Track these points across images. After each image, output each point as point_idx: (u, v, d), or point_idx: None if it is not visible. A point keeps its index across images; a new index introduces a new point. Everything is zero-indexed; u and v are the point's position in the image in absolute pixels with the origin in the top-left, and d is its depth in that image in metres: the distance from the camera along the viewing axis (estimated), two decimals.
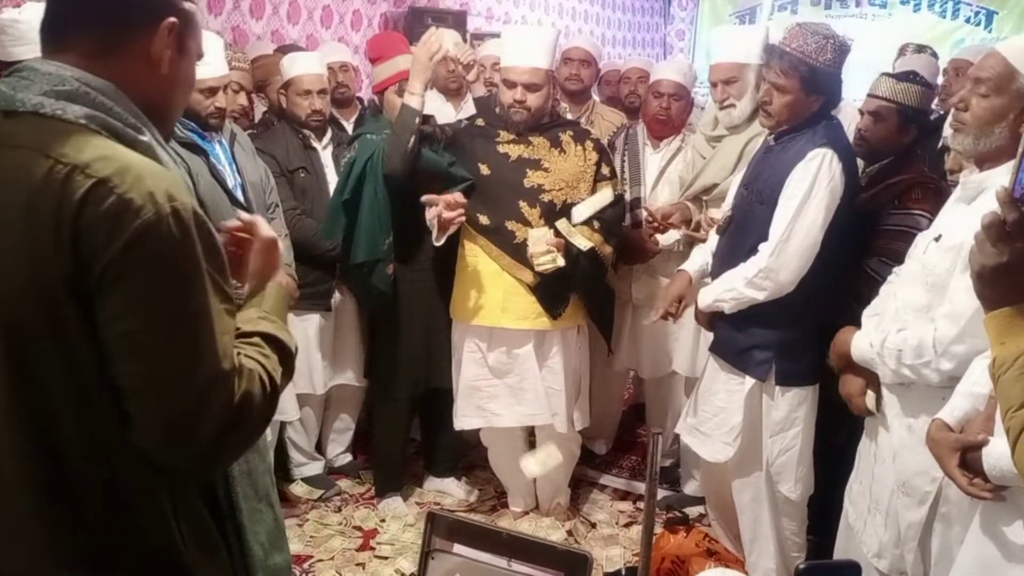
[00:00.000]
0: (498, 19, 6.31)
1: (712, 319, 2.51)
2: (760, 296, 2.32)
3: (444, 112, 3.62)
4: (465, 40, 3.92)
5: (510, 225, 2.72)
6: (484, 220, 2.76)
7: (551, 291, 2.77)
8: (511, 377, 2.85)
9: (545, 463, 2.66)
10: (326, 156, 3.22)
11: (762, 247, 2.31)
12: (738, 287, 2.35)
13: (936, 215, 2.40)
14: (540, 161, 2.76)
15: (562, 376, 2.87)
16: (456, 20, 5.11)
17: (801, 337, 2.35)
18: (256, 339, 1.15)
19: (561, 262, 2.62)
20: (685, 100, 3.23)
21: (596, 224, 2.81)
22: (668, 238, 3.10)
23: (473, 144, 2.82)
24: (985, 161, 1.77)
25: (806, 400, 2.41)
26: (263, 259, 1.26)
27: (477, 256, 2.81)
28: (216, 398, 1.02)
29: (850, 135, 2.77)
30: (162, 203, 0.98)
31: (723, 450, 2.51)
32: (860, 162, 2.69)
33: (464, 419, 2.94)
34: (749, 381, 2.43)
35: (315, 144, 3.21)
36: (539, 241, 2.62)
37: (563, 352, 2.87)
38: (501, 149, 2.77)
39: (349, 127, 3.52)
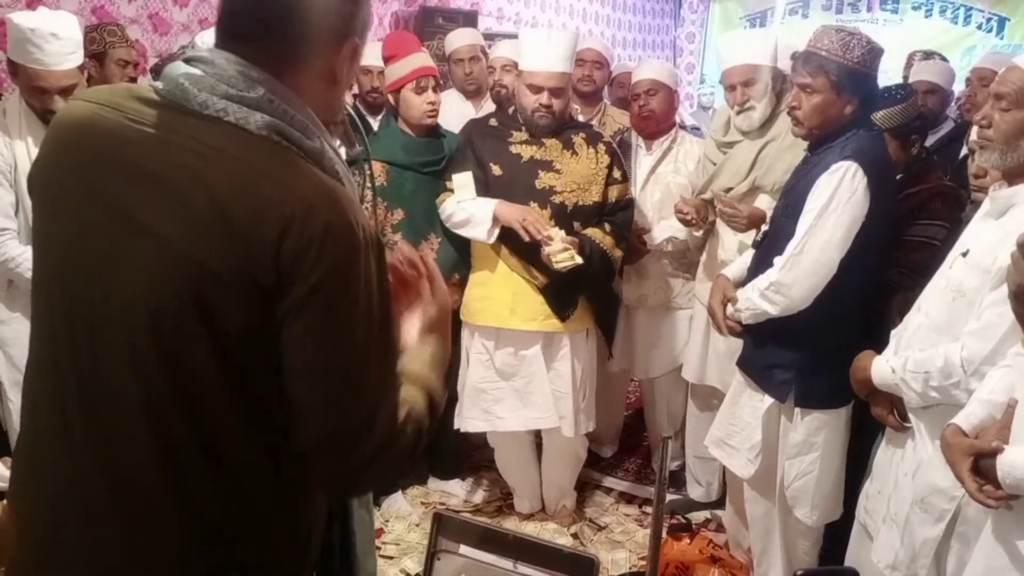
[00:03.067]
0: (509, 19, 6.32)
1: (741, 330, 2.44)
2: (772, 310, 2.25)
3: (464, 111, 3.63)
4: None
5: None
6: None
7: (560, 292, 2.76)
8: (518, 380, 2.84)
9: None
10: (341, 155, 3.21)
11: (776, 260, 2.25)
12: (753, 298, 2.29)
13: (956, 225, 2.40)
14: (552, 163, 2.75)
15: (569, 379, 2.86)
16: (467, 20, 5.11)
17: (825, 358, 2.23)
18: (417, 385, 1.17)
19: (579, 259, 2.60)
20: (663, 92, 3.18)
21: (607, 227, 2.80)
22: (656, 237, 3.09)
23: (485, 144, 2.81)
24: (1014, 176, 1.74)
25: (827, 425, 2.31)
26: (435, 304, 1.26)
27: (487, 256, 2.80)
28: (380, 420, 1.06)
29: None
30: (359, 229, 1.01)
31: (747, 466, 2.46)
32: None
33: (469, 421, 2.92)
34: (768, 400, 2.37)
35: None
36: (556, 241, 2.61)
37: (571, 355, 2.86)
38: (514, 150, 2.77)
39: (375, 124, 3.53)
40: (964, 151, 3.42)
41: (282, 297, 0.98)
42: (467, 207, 2.74)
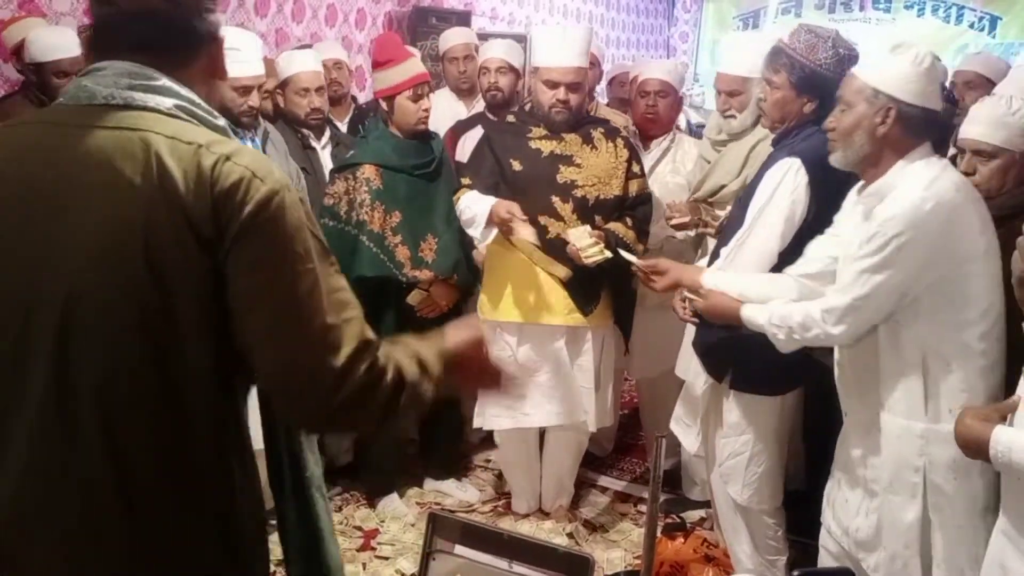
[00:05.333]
0: (502, 19, 6.31)
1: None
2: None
3: (456, 111, 3.63)
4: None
5: (543, 220, 2.71)
6: None
7: (583, 287, 2.77)
8: (542, 375, 2.84)
9: None
10: (325, 156, 3.21)
11: (722, 251, 2.35)
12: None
13: None
14: (572, 157, 2.76)
15: (592, 374, 2.88)
16: (460, 20, 5.11)
17: (764, 346, 2.19)
18: (413, 352, 1.21)
19: (609, 253, 2.61)
20: (672, 97, 3.22)
21: (629, 221, 2.82)
22: (656, 235, 3.08)
23: (503, 140, 2.82)
24: (865, 171, 1.91)
25: (760, 410, 2.38)
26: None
27: (508, 252, 2.79)
28: (329, 347, 1.10)
29: None
30: (279, 178, 1.12)
31: (696, 441, 2.58)
32: None
33: (493, 419, 2.91)
34: (709, 379, 2.47)
35: (314, 144, 3.20)
36: (582, 236, 2.61)
37: (593, 350, 2.88)
38: (533, 145, 2.77)
39: (343, 126, 3.52)
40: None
41: (221, 240, 1.07)
42: (472, 206, 2.74)
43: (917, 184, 1.80)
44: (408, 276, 2.85)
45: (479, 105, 3.70)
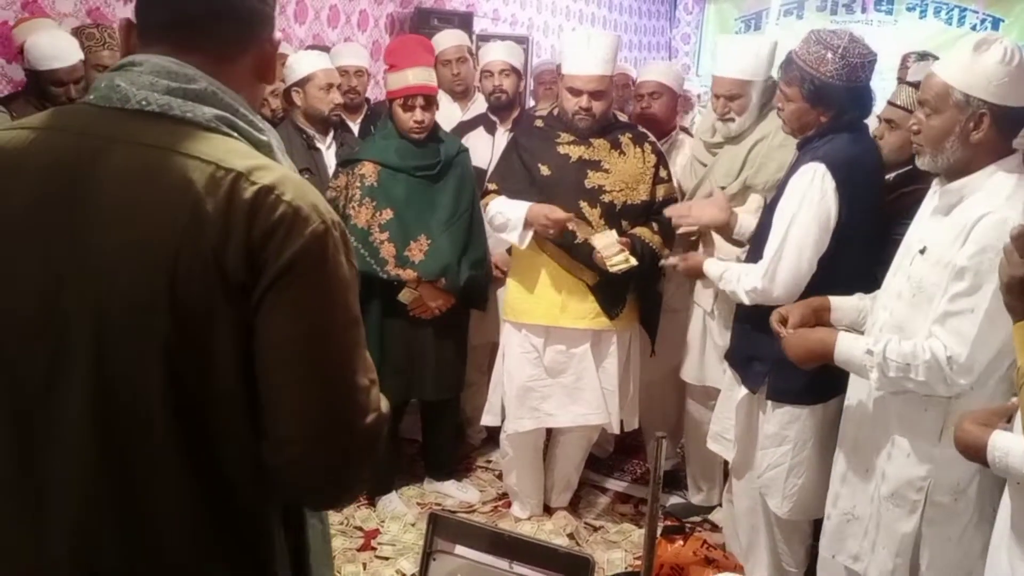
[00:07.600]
0: (504, 21, 6.32)
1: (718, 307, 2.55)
2: (749, 301, 2.33)
3: (451, 113, 3.62)
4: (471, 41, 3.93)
5: (570, 224, 2.72)
6: None
7: (610, 292, 2.79)
8: (566, 376, 2.87)
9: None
10: (329, 156, 3.22)
11: (758, 265, 2.29)
12: (738, 291, 2.34)
13: None
14: (600, 162, 2.77)
15: (616, 377, 2.90)
16: (462, 21, 5.11)
17: None
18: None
19: (634, 261, 2.63)
20: (667, 96, 3.23)
21: (655, 226, 2.83)
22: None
23: (533, 145, 2.84)
24: (954, 175, 1.83)
25: (799, 420, 2.33)
26: None
27: (535, 256, 2.81)
28: (362, 409, 1.01)
29: None
30: (325, 214, 1.00)
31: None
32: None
33: (519, 422, 2.92)
34: (743, 390, 2.44)
35: (319, 144, 3.21)
36: (609, 244, 2.62)
37: (618, 353, 2.90)
38: (562, 150, 2.79)
39: (355, 127, 3.54)
40: None
41: (254, 287, 0.95)
42: (505, 211, 2.77)
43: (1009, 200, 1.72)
44: (390, 274, 2.85)
45: (474, 106, 3.69)
